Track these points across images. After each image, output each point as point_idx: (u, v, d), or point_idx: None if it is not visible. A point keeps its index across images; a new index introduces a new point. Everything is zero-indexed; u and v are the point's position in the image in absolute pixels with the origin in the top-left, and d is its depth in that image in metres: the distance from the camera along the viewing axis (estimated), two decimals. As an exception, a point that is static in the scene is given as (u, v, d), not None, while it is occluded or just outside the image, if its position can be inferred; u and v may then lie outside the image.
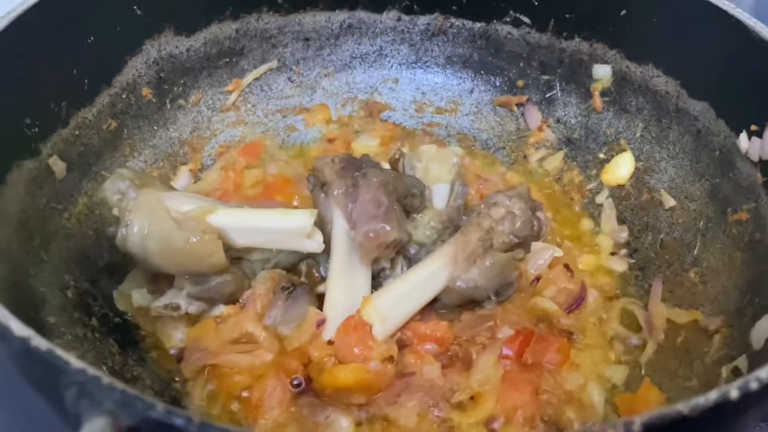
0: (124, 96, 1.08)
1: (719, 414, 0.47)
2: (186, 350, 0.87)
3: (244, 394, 0.84)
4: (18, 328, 0.50)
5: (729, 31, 0.94)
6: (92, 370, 0.46)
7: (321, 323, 0.84)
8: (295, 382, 0.83)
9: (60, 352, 0.48)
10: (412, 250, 0.97)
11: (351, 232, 0.89)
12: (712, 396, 0.47)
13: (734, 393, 0.47)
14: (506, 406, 0.81)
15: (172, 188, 0.95)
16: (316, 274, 0.95)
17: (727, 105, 0.98)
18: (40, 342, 0.49)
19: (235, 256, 0.91)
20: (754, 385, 0.47)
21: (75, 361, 0.47)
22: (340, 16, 1.25)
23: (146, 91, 1.12)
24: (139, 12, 1.06)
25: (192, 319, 0.91)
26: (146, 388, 0.82)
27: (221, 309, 0.91)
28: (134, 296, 0.91)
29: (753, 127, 0.92)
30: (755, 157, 0.91)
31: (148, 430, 0.44)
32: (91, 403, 0.45)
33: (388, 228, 0.88)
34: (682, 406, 0.46)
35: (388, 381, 0.81)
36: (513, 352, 0.87)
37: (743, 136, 0.94)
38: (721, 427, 0.50)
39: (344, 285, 0.88)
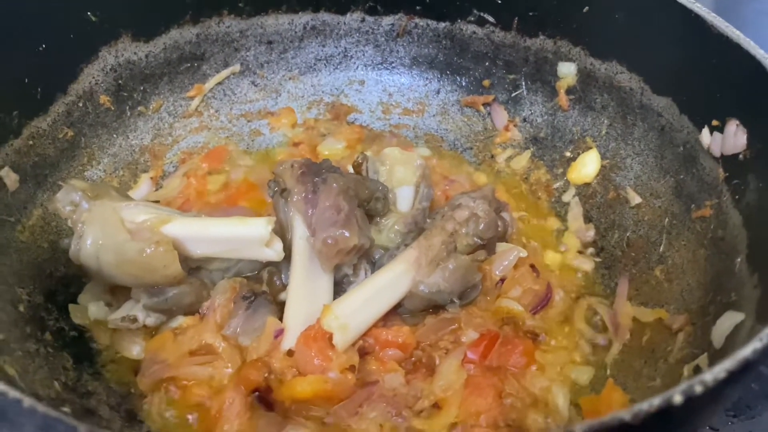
0: (80, 104, 1.06)
1: (663, 420, 0.46)
2: (143, 363, 0.85)
3: (204, 405, 0.82)
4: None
5: (689, 26, 0.94)
6: (13, 393, 0.44)
7: (279, 333, 0.83)
8: (255, 394, 0.81)
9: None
10: (376, 255, 0.96)
11: (311, 238, 0.88)
12: (655, 401, 0.46)
13: (678, 398, 0.46)
14: (469, 411, 0.79)
15: (128, 198, 0.93)
16: (278, 282, 0.93)
17: (689, 100, 0.98)
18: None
19: (194, 266, 0.90)
20: (698, 389, 0.46)
21: (12, 392, 0.45)
22: (303, 18, 1.24)
23: (104, 99, 1.09)
24: (93, 18, 1.04)
25: (150, 331, 0.89)
26: (102, 402, 0.80)
27: (180, 320, 0.89)
28: (90, 309, 0.90)
29: (714, 123, 0.91)
30: (717, 153, 0.91)
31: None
32: (12, 427, 0.43)
33: (347, 234, 0.86)
34: (624, 413, 0.45)
35: (349, 391, 0.79)
36: (477, 355, 0.86)
37: (705, 131, 0.93)
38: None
39: (305, 293, 0.87)
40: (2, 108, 0.93)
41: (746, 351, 0.49)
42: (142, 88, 1.15)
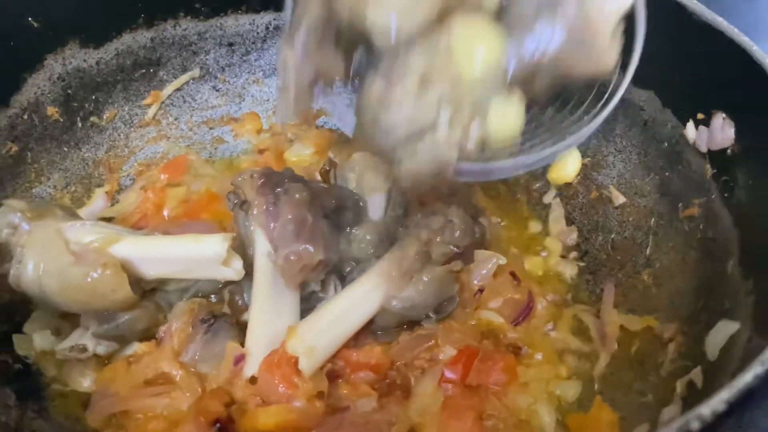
0: (25, 116, 0.99)
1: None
2: (93, 396, 0.78)
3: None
4: None
5: (671, 14, 0.88)
6: None
7: (240, 359, 0.76)
8: (216, 427, 0.74)
9: None
10: (347, 269, 0.90)
11: (272, 255, 0.81)
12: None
13: (672, 439, 0.40)
14: (447, 437, 0.73)
15: (76, 216, 0.86)
16: (240, 302, 0.87)
17: (672, 93, 0.92)
18: None
19: (148, 287, 0.83)
20: (695, 426, 0.41)
21: None
22: (266, 18, 1.17)
23: (52, 110, 1.02)
24: (35, 24, 0.97)
25: (103, 361, 0.83)
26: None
27: (135, 347, 0.83)
28: (35, 339, 0.83)
29: (699, 116, 0.86)
30: (703, 148, 0.85)
31: None
32: None
33: (311, 249, 0.80)
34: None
35: (316, 420, 0.73)
36: (456, 375, 0.80)
37: (690, 125, 0.88)
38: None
39: (268, 314, 0.80)
40: (-66, 124, 0.86)
41: (747, 377, 0.44)
42: (93, 97, 1.08)
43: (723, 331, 0.69)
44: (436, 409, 0.75)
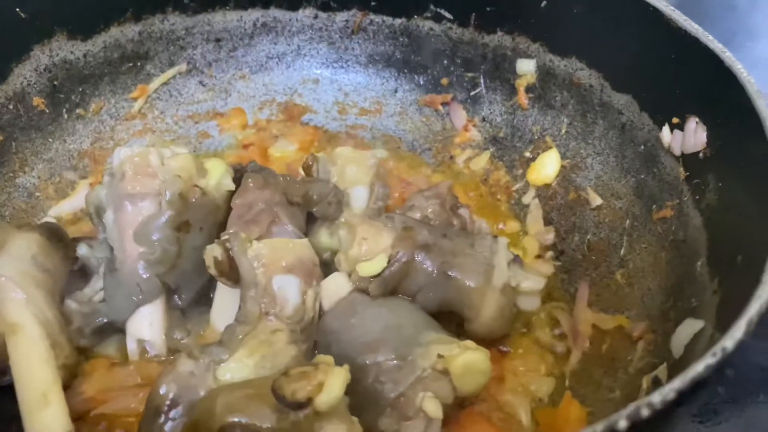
0: (10, 106, 1.00)
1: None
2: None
3: None
4: None
5: (648, 20, 0.90)
6: None
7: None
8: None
9: None
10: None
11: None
12: (598, 428, 0.41)
13: (622, 423, 0.41)
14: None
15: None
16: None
17: (649, 97, 0.94)
18: None
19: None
20: (645, 413, 0.42)
21: None
22: (253, 15, 1.18)
23: (38, 101, 1.03)
24: (23, 15, 0.98)
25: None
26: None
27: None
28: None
29: (674, 120, 0.88)
30: (677, 151, 0.87)
31: None
32: None
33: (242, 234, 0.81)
34: (566, 444, 0.41)
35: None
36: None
37: (666, 129, 0.90)
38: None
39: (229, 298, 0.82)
40: None
41: (698, 367, 0.45)
42: (80, 89, 1.09)
43: (688, 329, 0.70)
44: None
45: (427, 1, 1.15)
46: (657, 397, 0.43)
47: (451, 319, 0.84)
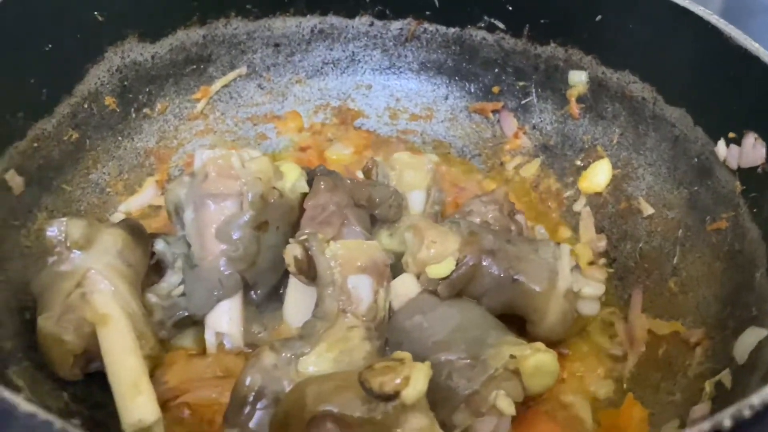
0: (86, 105, 1.04)
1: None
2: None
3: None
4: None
5: (705, 37, 0.93)
6: (43, 415, 0.42)
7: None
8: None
9: (8, 393, 0.44)
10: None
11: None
12: (705, 426, 0.44)
13: (727, 422, 0.45)
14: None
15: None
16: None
17: (704, 112, 0.97)
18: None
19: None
20: (746, 413, 0.45)
21: (24, 404, 0.43)
22: (311, 21, 1.22)
23: (109, 100, 1.07)
24: (100, 18, 1.02)
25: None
26: (112, 415, 0.78)
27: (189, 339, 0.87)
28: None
29: (731, 135, 0.91)
30: (734, 165, 0.90)
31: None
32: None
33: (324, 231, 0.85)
34: (675, 439, 0.44)
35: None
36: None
37: (721, 143, 0.93)
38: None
39: (299, 297, 0.86)
40: (7, 109, 0.90)
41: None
42: (147, 89, 1.12)
43: (752, 337, 0.73)
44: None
45: (481, 12, 1.18)
46: (756, 399, 0.46)
47: (512, 322, 0.87)
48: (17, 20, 0.90)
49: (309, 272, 0.82)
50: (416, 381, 0.65)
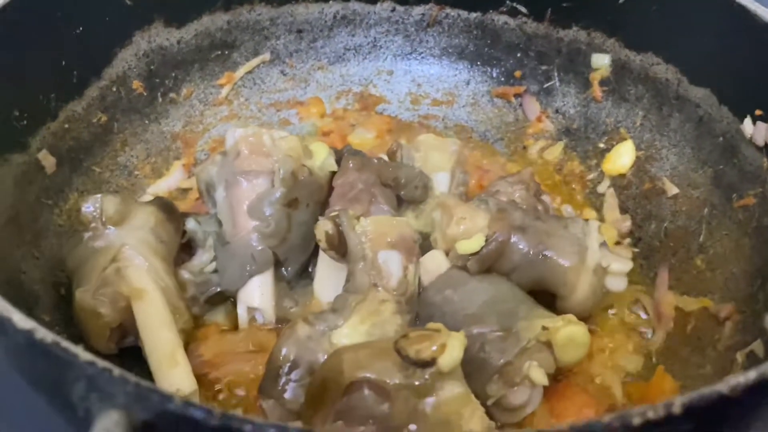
0: (114, 89, 1.05)
1: (759, 392, 0.45)
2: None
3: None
4: (20, 320, 0.47)
5: (730, 15, 0.94)
6: (102, 363, 0.43)
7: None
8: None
9: (67, 344, 0.45)
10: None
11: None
12: (752, 375, 0.45)
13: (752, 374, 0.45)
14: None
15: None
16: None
17: (729, 91, 0.97)
18: (45, 334, 0.46)
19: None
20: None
21: (84, 354, 0.44)
22: (334, 8, 1.23)
23: (137, 84, 1.09)
24: (128, 2, 1.04)
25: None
26: (146, 388, 0.79)
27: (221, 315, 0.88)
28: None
29: (758, 112, 0.91)
30: (761, 142, 0.91)
31: (165, 425, 0.41)
32: (102, 397, 0.42)
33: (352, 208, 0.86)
34: (722, 386, 0.45)
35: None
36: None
37: (747, 121, 0.93)
38: (761, 406, 0.48)
39: (330, 275, 0.87)
40: (41, 90, 0.92)
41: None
42: (173, 74, 1.14)
43: (786, 307, 0.74)
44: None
45: (504, -4, 1.19)
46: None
47: (540, 299, 0.88)
48: (50, 4, 0.91)
49: (340, 248, 0.83)
50: (452, 348, 0.66)
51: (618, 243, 1.04)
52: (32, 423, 0.77)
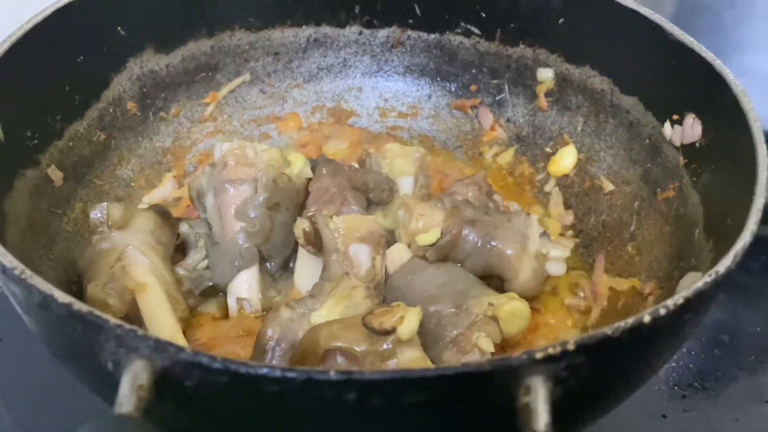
0: (111, 110, 1.17)
1: (637, 336, 0.59)
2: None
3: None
4: (61, 296, 0.60)
5: (651, 34, 1.07)
6: (128, 325, 0.56)
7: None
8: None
9: (99, 312, 0.58)
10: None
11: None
12: (630, 320, 0.59)
13: (646, 317, 0.59)
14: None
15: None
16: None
17: (653, 99, 1.10)
18: (81, 306, 0.59)
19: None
20: (662, 311, 0.60)
21: (113, 319, 0.57)
22: (307, 32, 1.36)
23: (131, 105, 1.21)
24: (122, 32, 1.16)
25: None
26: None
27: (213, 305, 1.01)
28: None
29: (674, 117, 1.05)
30: (677, 143, 1.04)
31: (179, 369, 0.54)
32: (129, 350, 0.54)
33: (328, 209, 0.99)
34: (607, 329, 0.58)
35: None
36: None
37: (667, 124, 1.07)
38: (639, 346, 0.62)
39: (308, 268, 0.99)
40: (49, 112, 1.04)
41: (700, 283, 0.63)
42: (163, 95, 1.26)
43: (689, 280, 0.87)
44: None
45: (458, 19, 1.32)
46: (670, 302, 0.61)
47: (491, 283, 1.01)
48: (56, 35, 1.03)
49: (316, 243, 0.96)
50: (409, 320, 0.79)
51: (561, 234, 1.18)
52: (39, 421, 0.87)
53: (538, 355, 0.55)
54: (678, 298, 0.61)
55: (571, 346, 0.56)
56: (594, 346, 0.57)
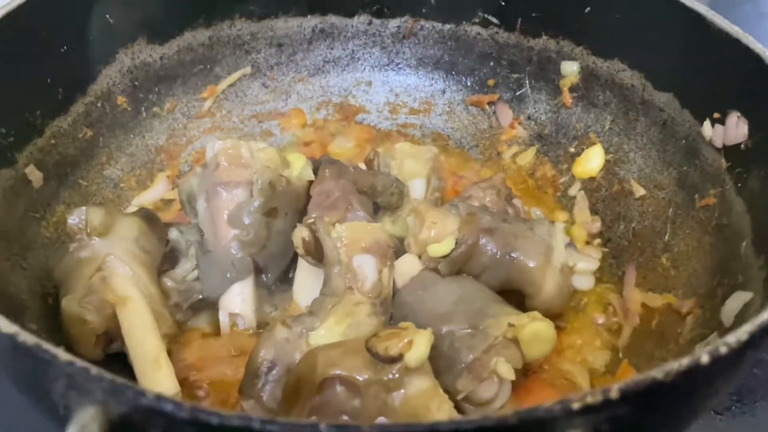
0: (99, 105, 1.09)
1: (690, 379, 0.49)
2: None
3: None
4: (5, 325, 0.51)
5: (689, 24, 0.98)
6: (80, 362, 0.47)
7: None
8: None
9: (48, 346, 0.49)
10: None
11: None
12: (685, 362, 0.49)
13: (705, 358, 0.49)
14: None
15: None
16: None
17: (690, 95, 1.01)
18: (27, 337, 0.50)
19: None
20: (723, 350, 0.50)
21: (63, 354, 0.48)
22: (312, 21, 1.27)
23: (121, 100, 1.12)
24: (111, 21, 1.07)
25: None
26: (131, 391, 0.82)
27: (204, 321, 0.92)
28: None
29: (716, 115, 0.95)
30: (719, 144, 0.95)
31: (139, 417, 0.45)
32: (81, 393, 0.46)
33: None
34: (657, 372, 0.48)
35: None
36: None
37: (707, 124, 0.97)
38: (693, 391, 0.52)
39: (309, 279, 0.90)
40: (27, 107, 0.95)
41: (764, 316, 0.53)
42: (157, 89, 1.17)
43: (737, 300, 0.78)
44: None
45: (475, 8, 1.23)
46: (732, 338, 0.51)
47: (511, 299, 0.91)
48: (35, 23, 0.94)
49: (316, 253, 0.87)
50: (419, 345, 0.70)
51: (588, 243, 1.08)
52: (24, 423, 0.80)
53: (575, 406, 0.46)
54: (742, 334, 0.51)
55: (614, 394, 0.46)
56: (641, 394, 0.47)
